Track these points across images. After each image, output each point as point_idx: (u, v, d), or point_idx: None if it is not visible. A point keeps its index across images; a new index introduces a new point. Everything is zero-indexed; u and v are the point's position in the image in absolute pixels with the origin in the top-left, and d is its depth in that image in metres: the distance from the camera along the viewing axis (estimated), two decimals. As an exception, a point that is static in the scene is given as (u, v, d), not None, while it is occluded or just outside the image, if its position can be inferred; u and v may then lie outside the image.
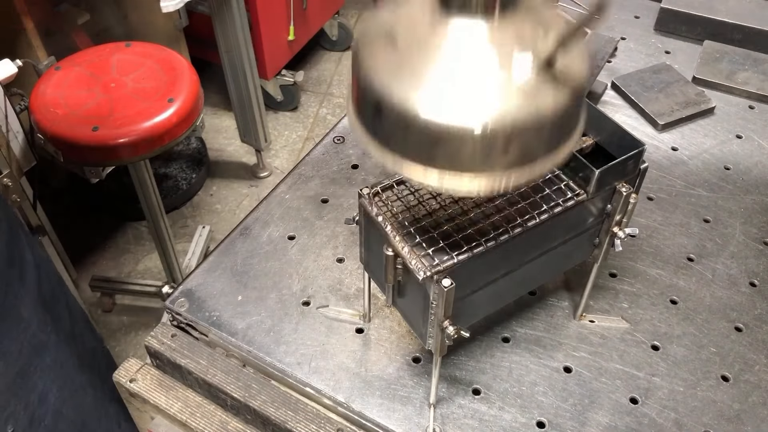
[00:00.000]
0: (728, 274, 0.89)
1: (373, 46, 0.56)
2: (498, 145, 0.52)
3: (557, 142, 0.56)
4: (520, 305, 0.85)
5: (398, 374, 0.78)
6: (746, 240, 0.94)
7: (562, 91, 0.53)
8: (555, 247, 0.71)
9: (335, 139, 1.07)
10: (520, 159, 0.54)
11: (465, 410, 0.75)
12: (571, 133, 0.57)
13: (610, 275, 0.89)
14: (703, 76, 1.18)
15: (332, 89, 3.06)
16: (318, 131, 2.84)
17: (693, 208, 0.98)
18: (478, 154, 0.53)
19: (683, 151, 1.07)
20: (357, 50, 0.56)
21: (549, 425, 0.74)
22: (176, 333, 0.84)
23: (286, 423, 0.75)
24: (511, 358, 0.80)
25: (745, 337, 0.83)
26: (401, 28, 0.56)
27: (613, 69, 1.20)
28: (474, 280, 0.65)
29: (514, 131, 0.52)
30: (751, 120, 1.12)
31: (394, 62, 0.54)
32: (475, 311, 0.71)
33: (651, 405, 0.76)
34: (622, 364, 0.80)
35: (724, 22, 1.23)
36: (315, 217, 0.95)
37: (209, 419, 0.79)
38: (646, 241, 0.93)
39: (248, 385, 0.79)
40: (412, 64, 0.53)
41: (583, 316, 0.84)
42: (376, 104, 0.54)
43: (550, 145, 0.56)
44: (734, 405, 0.77)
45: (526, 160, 0.54)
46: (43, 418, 0.97)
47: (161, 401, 0.80)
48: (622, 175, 0.68)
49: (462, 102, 0.51)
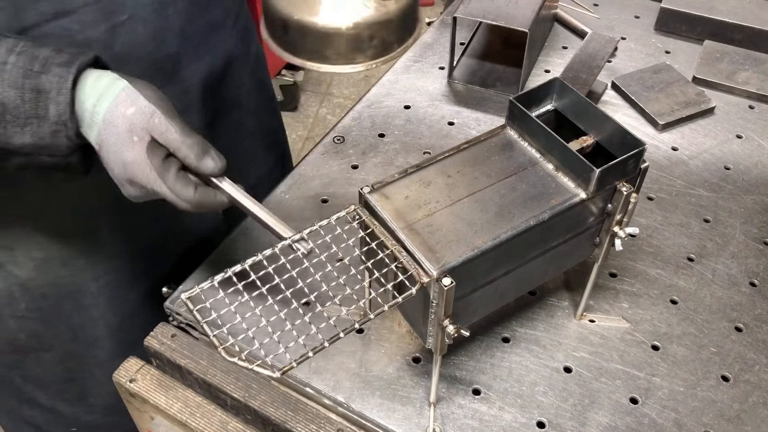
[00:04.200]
0: (728, 274, 0.89)
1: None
2: (363, 38, 0.79)
3: (402, 37, 0.84)
4: (520, 305, 0.85)
5: (398, 374, 0.78)
6: (746, 240, 0.94)
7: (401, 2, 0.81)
8: (555, 247, 0.71)
9: (335, 139, 1.07)
10: (379, 49, 0.81)
11: (465, 410, 0.75)
12: (411, 31, 0.85)
13: (610, 275, 0.89)
14: (703, 76, 1.18)
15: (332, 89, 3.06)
16: (318, 131, 2.84)
17: (693, 208, 0.98)
18: (350, 46, 0.80)
19: (683, 151, 1.07)
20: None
21: (549, 425, 0.74)
22: (176, 333, 0.84)
23: (286, 423, 0.75)
24: (511, 358, 0.80)
25: (745, 337, 0.83)
26: None
27: (613, 69, 1.20)
28: (474, 279, 0.65)
29: (372, 28, 0.79)
30: (751, 120, 1.13)
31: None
32: (475, 310, 0.71)
33: (651, 405, 0.76)
34: (623, 364, 0.80)
35: (724, 22, 1.24)
36: (315, 217, 0.95)
37: (209, 419, 0.79)
38: (646, 241, 0.93)
39: (248, 385, 0.78)
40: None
41: (584, 315, 0.84)
42: (283, 23, 0.81)
43: (399, 39, 0.83)
44: (734, 405, 0.77)
45: (384, 49, 0.82)
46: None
47: (161, 401, 0.80)
48: (622, 175, 0.68)
49: (335, 12, 0.78)
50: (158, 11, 0.82)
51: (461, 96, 1.16)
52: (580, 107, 0.72)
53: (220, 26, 0.95)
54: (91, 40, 0.77)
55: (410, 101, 1.14)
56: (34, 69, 0.64)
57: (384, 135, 1.08)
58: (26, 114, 0.64)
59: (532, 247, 0.69)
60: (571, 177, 0.68)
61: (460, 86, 1.18)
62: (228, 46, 0.98)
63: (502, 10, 1.09)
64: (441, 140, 1.07)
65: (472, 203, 0.67)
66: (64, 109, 0.65)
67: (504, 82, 1.18)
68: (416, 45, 1.27)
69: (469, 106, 1.14)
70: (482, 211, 0.66)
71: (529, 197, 0.67)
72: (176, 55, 0.87)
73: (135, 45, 0.81)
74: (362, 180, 1.00)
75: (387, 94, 1.16)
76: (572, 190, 0.68)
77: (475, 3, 1.11)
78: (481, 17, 1.08)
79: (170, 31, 0.85)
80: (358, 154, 1.04)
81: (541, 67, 1.22)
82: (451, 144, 0.72)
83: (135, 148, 0.67)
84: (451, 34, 1.13)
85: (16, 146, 0.66)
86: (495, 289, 0.69)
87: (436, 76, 1.19)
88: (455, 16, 1.10)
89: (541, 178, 0.69)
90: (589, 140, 0.71)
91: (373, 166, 1.02)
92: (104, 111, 0.66)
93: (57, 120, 0.65)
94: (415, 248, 0.62)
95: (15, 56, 0.64)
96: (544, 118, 0.74)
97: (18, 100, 0.64)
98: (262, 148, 1.18)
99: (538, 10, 1.09)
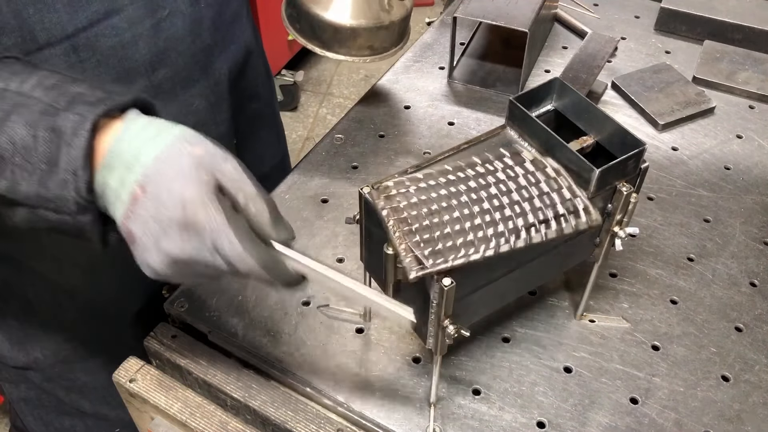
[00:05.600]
0: (728, 274, 0.89)
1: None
2: (361, 36, 0.96)
3: (394, 44, 1.01)
4: (520, 305, 0.85)
5: (398, 374, 0.78)
6: (746, 240, 0.94)
7: (399, 12, 0.98)
8: (556, 246, 0.71)
9: (335, 139, 1.07)
10: (373, 48, 0.98)
11: (465, 410, 0.75)
12: (401, 40, 1.03)
13: (610, 275, 0.89)
14: (703, 76, 1.18)
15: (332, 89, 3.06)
16: (318, 131, 2.84)
17: (693, 208, 0.98)
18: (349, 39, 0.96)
19: (683, 151, 1.07)
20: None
21: (549, 425, 0.74)
22: (176, 333, 0.84)
23: (286, 423, 0.75)
24: (511, 358, 0.80)
25: (745, 337, 0.83)
26: None
27: (613, 69, 1.20)
28: (474, 279, 0.65)
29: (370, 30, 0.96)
30: (752, 120, 1.13)
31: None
32: (476, 310, 0.71)
33: (651, 405, 0.76)
34: (623, 364, 0.80)
35: (724, 22, 1.23)
36: (315, 217, 0.95)
37: (209, 419, 0.79)
38: (646, 241, 0.93)
39: (248, 385, 0.78)
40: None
41: (584, 315, 0.84)
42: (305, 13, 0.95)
43: (393, 43, 1.01)
44: (734, 405, 0.77)
45: (377, 49, 0.99)
46: None
47: (161, 401, 0.80)
48: (622, 175, 0.68)
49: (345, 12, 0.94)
50: (193, 4, 0.82)
51: (461, 96, 1.16)
52: (580, 107, 0.72)
53: (239, 17, 0.96)
54: (138, 37, 0.77)
55: (410, 101, 1.14)
56: (58, 105, 0.54)
57: (384, 135, 1.08)
58: (37, 158, 0.54)
59: (532, 248, 0.69)
60: (572, 176, 0.68)
61: (460, 86, 1.18)
62: (246, 36, 0.99)
63: (502, 10, 1.09)
64: (441, 140, 1.07)
65: (473, 203, 0.66)
66: (77, 155, 0.53)
67: (504, 82, 1.18)
68: (416, 45, 1.27)
69: (469, 106, 1.14)
70: (482, 212, 0.66)
71: (529, 197, 0.67)
72: (210, 48, 0.88)
73: (175, 39, 0.82)
74: (362, 180, 1.00)
75: (387, 94, 1.16)
76: (572, 189, 0.67)
77: (475, 3, 1.11)
78: (481, 17, 1.08)
79: (204, 23, 0.85)
80: (358, 154, 1.04)
81: (541, 67, 1.22)
82: (451, 144, 0.72)
83: (201, 186, 0.55)
84: (451, 34, 1.13)
85: (21, 195, 0.55)
86: (495, 290, 0.69)
87: (436, 76, 1.19)
88: (455, 16, 1.10)
89: (546, 183, 0.68)
90: (589, 140, 0.71)
91: (373, 166, 1.02)
92: (158, 151, 0.55)
93: (66, 167, 0.54)
94: (416, 247, 0.62)
95: (42, 90, 0.55)
96: (544, 118, 0.74)
97: (29, 140, 0.53)
98: (275, 138, 1.21)
99: (538, 10, 1.09)
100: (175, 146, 0.55)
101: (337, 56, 0.98)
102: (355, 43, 0.97)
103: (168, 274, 0.58)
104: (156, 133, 0.56)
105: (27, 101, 0.54)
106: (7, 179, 0.55)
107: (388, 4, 0.97)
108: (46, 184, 0.54)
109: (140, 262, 0.58)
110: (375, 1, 0.96)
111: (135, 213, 0.55)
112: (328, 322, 0.83)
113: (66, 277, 0.92)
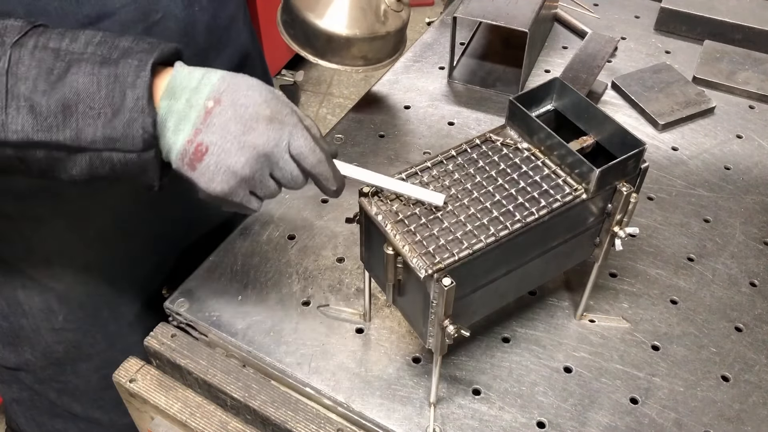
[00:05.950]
0: (728, 274, 0.89)
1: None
2: (355, 46, 0.96)
3: (388, 55, 1.02)
4: (520, 305, 0.85)
5: (398, 374, 0.78)
6: (746, 240, 0.94)
7: (395, 23, 0.98)
8: (555, 246, 0.71)
9: (335, 138, 1.06)
10: (367, 58, 0.99)
11: (465, 410, 0.75)
12: (396, 51, 1.03)
13: (610, 275, 0.89)
14: (703, 76, 1.18)
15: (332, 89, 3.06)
16: (318, 131, 2.82)
17: (693, 208, 0.98)
18: (343, 49, 0.97)
19: (683, 151, 1.07)
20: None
21: (549, 425, 0.74)
22: (176, 333, 0.84)
23: (286, 423, 0.75)
24: (511, 358, 0.80)
25: (745, 337, 0.83)
26: None
27: (613, 69, 1.20)
28: (474, 279, 0.65)
29: (364, 40, 0.96)
30: (751, 120, 1.13)
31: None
32: (476, 310, 0.71)
33: (651, 405, 0.76)
34: (623, 364, 0.80)
35: (724, 22, 1.24)
36: (315, 217, 0.95)
37: (209, 419, 0.79)
38: (646, 241, 0.93)
39: (248, 385, 0.78)
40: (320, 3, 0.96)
41: (584, 315, 0.84)
42: (300, 20, 0.96)
43: (388, 54, 1.02)
44: (734, 405, 0.77)
45: (371, 60, 1.00)
46: None
47: (161, 401, 0.80)
48: (622, 175, 0.68)
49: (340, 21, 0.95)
50: (187, 7, 0.82)
51: (461, 96, 1.16)
52: (580, 107, 0.72)
53: (235, 21, 0.96)
54: None
55: (410, 101, 1.14)
56: (112, 56, 0.60)
57: (384, 135, 1.08)
58: (101, 103, 0.59)
59: (532, 248, 0.69)
60: (571, 176, 0.68)
61: (460, 86, 1.18)
62: (242, 40, 0.99)
63: (502, 10, 1.09)
64: (441, 140, 1.07)
65: (472, 203, 0.67)
66: (142, 94, 0.59)
67: (504, 82, 1.18)
68: (416, 45, 1.27)
69: (469, 106, 1.14)
70: (482, 211, 0.66)
71: (529, 197, 0.67)
72: (204, 51, 0.88)
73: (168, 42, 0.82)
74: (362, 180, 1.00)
75: (387, 94, 1.16)
76: (571, 187, 0.67)
77: (475, 3, 1.11)
78: (481, 17, 1.08)
79: (198, 27, 0.85)
80: (358, 154, 1.04)
81: (541, 67, 1.22)
82: (451, 144, 0.72)
83: (274, 91, 0.65)
84: (451, 34, 1.13)
85: (87, 141, 0.60)
86: (495, 289, 0.69)
87: (436, 76, 1.19)
88: (455, 16, 1.10)
89: (542, 178, 0.69)
90: (589, 140, 0.71)
91: (373, 166, 1.02)
92: (221, 74, 0.63)
93: (133, 107, 0.59)
94: (416, 247, 0.62)
95: (93, 47, 0.60)
96: (544, 118, 0.74)
97: (93, 87, 0.59)
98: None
99: (538, 10, 1.09)
100: (229, 73, 0.63)
101: (330, 65, 0.98)
102: (348, 53, 0.96)
103: (233, 187, 0.64)
104: (206, 70, 0.63)
105: (82, 56, 0.60)
106: (71, 128, 0.59)
107: (383, 15, 0.97)
108: (113, 125, 0.59)
109: (209, 174, 0.63)
110: (371, 12, 0.95)
111: (210, 123, 0.62)
112: (328, 322, 0.83)
113: (57, 279, 0.92)
